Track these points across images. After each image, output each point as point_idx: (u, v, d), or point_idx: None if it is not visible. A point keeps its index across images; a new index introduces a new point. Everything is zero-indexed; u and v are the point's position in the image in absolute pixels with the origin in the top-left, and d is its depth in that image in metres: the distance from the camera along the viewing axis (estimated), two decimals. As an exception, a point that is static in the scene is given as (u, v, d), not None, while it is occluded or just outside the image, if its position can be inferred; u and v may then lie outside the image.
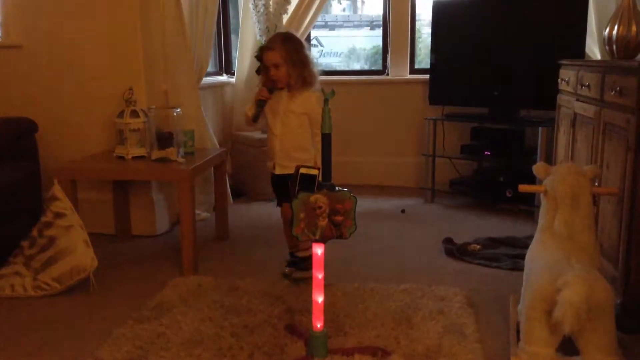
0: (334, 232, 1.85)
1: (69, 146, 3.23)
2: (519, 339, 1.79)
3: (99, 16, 3.17)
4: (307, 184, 1.84)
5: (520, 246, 2.93)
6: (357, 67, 5.17)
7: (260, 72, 2.76)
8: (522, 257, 2.20)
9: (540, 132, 3.42)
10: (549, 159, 3.27)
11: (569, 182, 1.87)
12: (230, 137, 4.30)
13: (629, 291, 2.05)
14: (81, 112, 3.26)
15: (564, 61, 3.05)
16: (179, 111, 2.94)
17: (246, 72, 4.28)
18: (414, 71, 4.42)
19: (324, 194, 1.82)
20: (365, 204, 3.72)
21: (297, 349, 1.95)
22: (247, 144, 3.99)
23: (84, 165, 2.89)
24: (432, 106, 4.07)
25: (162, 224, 3.34)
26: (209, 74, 4.00)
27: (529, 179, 2.38)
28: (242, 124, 4.18)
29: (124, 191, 3.22)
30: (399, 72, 4.38)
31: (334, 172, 1.88)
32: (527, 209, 3.55)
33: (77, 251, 2.49)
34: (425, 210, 3.77)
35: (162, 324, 2.14)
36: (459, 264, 2.79)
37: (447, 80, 3.97)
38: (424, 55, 4.52)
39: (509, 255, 2.83)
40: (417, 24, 4.45)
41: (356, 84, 4.43)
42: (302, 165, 1.89)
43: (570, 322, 1.53)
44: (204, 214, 3.57)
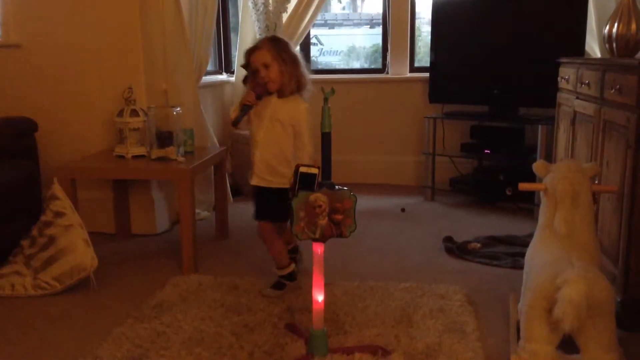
0: (334, 231, 1.85)
1: (68, 145, 3.23)
2: (519, 337, 1.79)
3: (98, 15, 3.17)
4: (307, 182, 1.84)
5: (520, 244, 2.93)
6: (356, 65, 5.16)
7: (247, 81, 2.50)
8: (522, 256, 2.20)
9: (540, 130, 3.42)
10: (549, 157, 3.27)
11: (568, 180, 1.87)
12: (230, 136, 4.29)
13: (629, 289, 2.05)
14: (81, 111, 3.26)
15: (563, 59, 3.05)
16: (178, 110, 2.94)
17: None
18: (413, 69, 4.41)
19: (323, 193, 1.82)
20: (365, 203, 3.72)
21: (297, 348, 1.95)
22: (247, 143, 3.97)
23: (84, 164, 2.89)
24: (432, 104, 4.07)
25: (162, 223, 3.34)
26: (208, 73, 4.00)
27: (528, 177, 2.38)
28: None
29: (123, 190, 3.22)
30: (399, 71, 4.38)
31: (333, 170, 1.88)
32: (527, 207, 3.55)
33: (77, 250, 2.49)
34: (425, 208, 3.77)
35: (162, 323, 2.14)
36: (459, 263, 2.79)
37: (447, 78, 3.96)
38: (423, 53, 4.52)
39: (509, 253, 2.84)
40: (417, 22, 4.45)
41: (356, 83, 4.43)
42: (302, 164, 1.89)
43: (570, 320, 1.53)
44: (204, 213, 3.57)
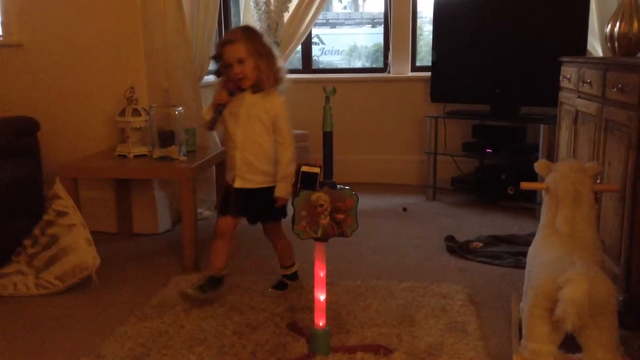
0: (336, 230, 1.85)
1: (71, 145, 3.23)
2: (521, 336, 1.79)
3: (100, 15, 3.17)
4: (309, 182, 1.84)
5: (522, 244, 2.92)
6: (358, 65, 5.16)
7: (220, 74, 2.33)
8: (524, 255, 2.20)
9: (541, 130, 3.42)
10: (551, 156, 3.27)
11: (570, 179, 1.87)
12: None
13: (631, 288, 2.05)
14: (83, 111, 3.26)
15: (565, 58, 3.05)
16: (180, 109, 2.94)
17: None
18: (415, 69, 4.41)
19: (325, 192, 1.82)
20: (366, 202, 3.72)
21: (299, 347, 1.95)
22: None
23: (86, 163, 2.89)
24: (433, 104, 4.06)
25: (164, 222, 3.34)
26: (210, 73, 4.00)
27: (530, 177, 2.39)
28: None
29: (125, 189, 3.22)
30: (400, 70, 4.38)
31: (335, 170, 1.88)
32: (528, 206, 3.55)
33: (79, 250, 2.49)
34: (427, 208, 3.77)
35: (164, 322, 2.15)
36: (461, 262, 2.79)
37: (448, 77, 3.96)
38: (425, 52, 4.52)
39: (510, 252, 2.84)
40: (419, 22, 4.45)
41: (357, 82, 4.43)
42: (304, 163, 1.88)
43: (572, 320, 1.53)
44: (205, 213, 3.57)
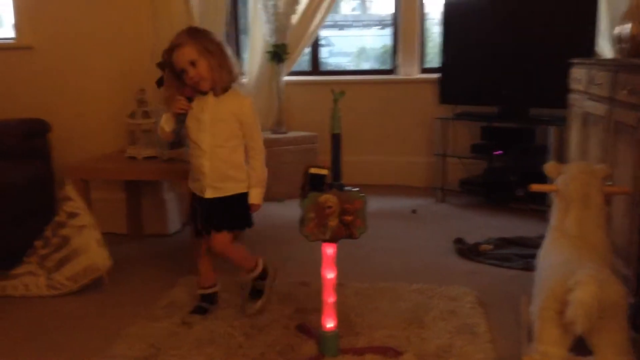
0: (344, 232, 1.85)
1: (81, 146, 3.25)
2: (530, 339, 1.78)
3: (109, 18, 3.20)
4: (316, 184, 1.84)
5: (531, 246, 2.91)
6: (366, 66, 5.16)
7: (161, 83, 2.24)
8: (533, 257, 2.18)
9: (551, 131, 3.40)
10: (561, 158, 3.25)
11: (579, 181, 1.86)
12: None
13: (642, 291, 2.04)
14: (93, 113, 3.29)
15: (575, 60, 3.03)
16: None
17: (256, 73, 4.29)
18: (423, 70, 4.41)
19: (333, 194, 1.82)
20: (375, 204, 3.71)
21: (308, 348, 1.96)
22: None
23: (96, 165, 2.91)
24: (441, 105, 4.06)
25: (174, 223, 3.35)
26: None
27: (540, 179, 2.37)
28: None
29: (136, 191, 3.24)
30: (409, 71, 4.37)
31: (343, 171, 1.88)
32: (538, 208, 3.53)
33: (90, 251, 2.51)
34: (436, 210, 3.77)
35: (173, 323, 2.16)
36: (470, 264, 2.78)
37: (457, 79, 3.95)
38: (433, 54, 4.51)
39: (520, 255, 2.82)
40: (427, 23, 4.44)
41: (366, 84, 4.43)
42: (312, 165, 1.89)
43: (582, 322, 1.52)
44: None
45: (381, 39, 5.04)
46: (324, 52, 4.77)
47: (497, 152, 3.73)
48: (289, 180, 3.93)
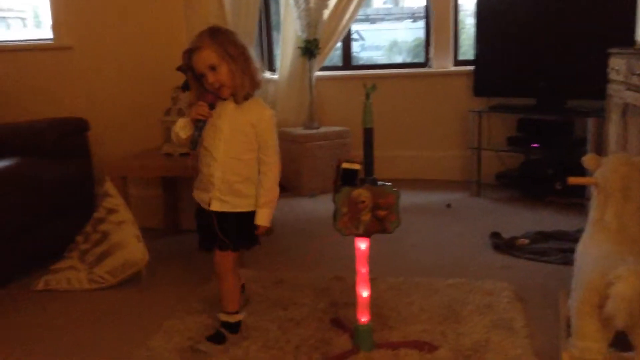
0: (377, 227, 1.85)
1: (119, 144, 3.33)
2: (569, 334, 1.75)
3: (145, 17, 3.26)
4: (349, 178, 1.84)
5: (570, 240, 2.85)
6: (399, 60, 5.12)
7: (187, 87, 2.11)
8: (572, 251, 2.14)
9: (589, 123, 3.33)
10: (600, 150, 3.17)
11: (619, 173, 1.82)
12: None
13: (686, 286, 1.98)
14: (130, 111, 3.36)
15: (613, 50, 2.95)
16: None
17: (288, 69, 4.31)
18: (457, 63, 4.35)
19: (366, 189, 1.82)
20: (409, 199, 3.70)
21: (343, 342, 1.97)
22: (290, 140, 4.03)
23: (134, 162, 2.97)
24: (476, 98, 4.01)
25: (209, 219, 3.40)
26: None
27: (578, 172, 2.32)
28: (286, 120, 4.23)
29: (172, 187, 3.30)
30: (442, 64, 4.32)
31: (376, 166, 1.88)
32: (577, 201, 3.46)
33: (129, 246, 2.57)
34: (471, 204, 3.72)
35: (209, 316, 2.19)
36: (506, 259, 2.75)
37: (492, 71, 3.89)
38: (467, 46, 4.45)
39: (558, 249, 2.77)
40: (460, 15, 4.38)
41: (398, 78, 4.40)
42: (344, 159, 1.88)
43: (623, 317, 1.49)
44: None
45: (413, 32, 5.00)
46: (355, 47, 4.76)
47: (533, 144, 3.66)
48: (322, 175, 3.94)
